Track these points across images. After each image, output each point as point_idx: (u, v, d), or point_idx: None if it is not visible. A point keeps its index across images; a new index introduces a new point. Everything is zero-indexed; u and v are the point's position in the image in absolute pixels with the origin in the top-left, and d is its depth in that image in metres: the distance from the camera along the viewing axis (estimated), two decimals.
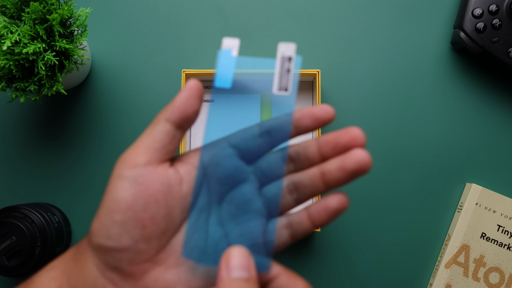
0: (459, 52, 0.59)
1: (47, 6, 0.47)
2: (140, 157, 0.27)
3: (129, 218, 0.26)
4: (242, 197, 0.28)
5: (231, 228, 0.28)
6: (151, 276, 0.27)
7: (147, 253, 0.27)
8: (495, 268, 0.55)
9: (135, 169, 0.27)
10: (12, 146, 0.59)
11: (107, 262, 0.27)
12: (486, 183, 0.57)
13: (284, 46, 0.29)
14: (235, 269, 0.26)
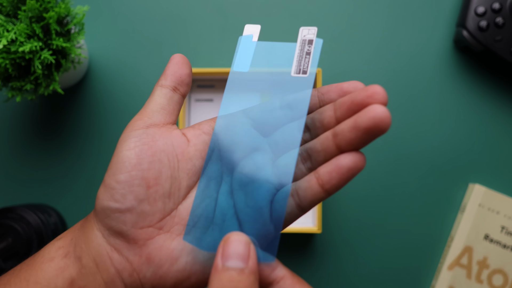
0: (462, 51, 0.58)
1: (43, 4, 0.46)
2: (144, 120, 0.28)
3: (134, 177, 0.26)
4: (254, 165, 0.27)
5: (239, 197, 0.26)
6: (155, 243, 0.26)
7: (152, 216, 0.26)
8: (498, 270, 0.54)
9: (139, 130, 0.28)
10: (8, 146, 0.58)
11: (111, 227, 0.26)
12: (489, 183, 0.56)
13: (306, 29, 0.28)
14: (230, 257, 0.23)
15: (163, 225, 0.27)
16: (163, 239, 0.26)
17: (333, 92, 0.27)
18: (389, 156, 0.57)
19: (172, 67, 0.30)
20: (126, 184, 0.26)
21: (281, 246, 0.57)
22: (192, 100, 0.57)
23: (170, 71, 0.30)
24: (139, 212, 0.26)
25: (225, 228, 0.26)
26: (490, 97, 0.58)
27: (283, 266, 0.26)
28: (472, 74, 0.58)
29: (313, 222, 0.56)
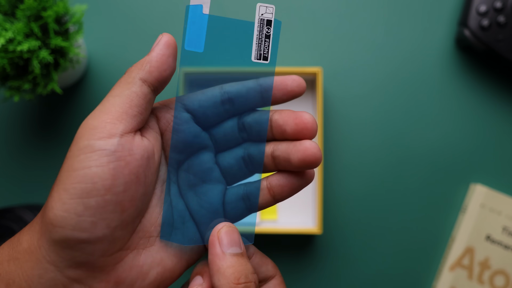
0: (464, 50, 0.58)
1: (41, 3, 0.46)
2: (117, 125, 0.23)
3: (108, 202, 0.22)
4: (201, 165, 0.26)
5: (190, 198, 0.26)
6: (124, 265, 0.24)
7: (123, 239, 0.23)
8: (500, 271, 0.54)
9: (111, 140, 0.22)
10: (5, 147, 0.58)
11: (72, 258, 0.22)
12: (491, 183, 0.56)
13: (263, 7, 0.25)
14: (230, 245, 0.25)
15: (130, 243, 0.24)
16: (131, 257, 0.24)
17: (279, 91, 0.27)
18: (390, 156, 0.57)
19: (161, 59, 0.25)
20: (97, 211, 0.22)
21: (281, 247, 0.57)
22: None
23: (157, 64, 0.25)
24: (111, 240, 0.23)
25: (186, 231, 0.26)
26: (492, 96, 0.57)
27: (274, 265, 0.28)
28: (474, 74, 0.58)
29: (313, 223, 0.55)
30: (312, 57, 0.58)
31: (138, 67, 0.25)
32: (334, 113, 0.57)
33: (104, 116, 0.23)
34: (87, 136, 0.22)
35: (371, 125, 0.57)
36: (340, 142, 0.57)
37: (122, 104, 0.23)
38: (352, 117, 0.57)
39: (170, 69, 0.25)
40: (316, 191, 0.54)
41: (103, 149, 0.22)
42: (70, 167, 0.22)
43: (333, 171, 0.57)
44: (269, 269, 0.27)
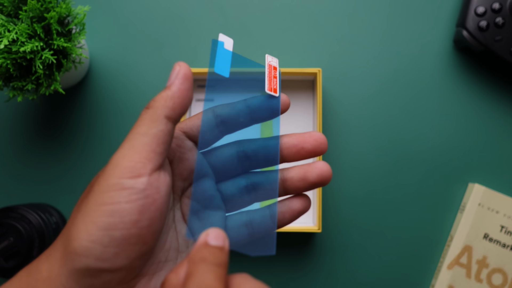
0: (462, 51, 0.58)
1: (44, 4, 0.46)
2: (146, 164, 0.24)
3: (132, 235, 0.23)
4: (203, 192, 0.28)
5: (194, 223, 0.28)
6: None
7: (140, 268, 0.24)
8: (498, 269, 0.54)
9: (141, 179, 0.23)
10: (9, 146, 0.59)
11: (90, 286, 0.23)
12: (489, 183, 0.57)
13: (270, 57, 0.31)
14: (214, 238, 0.24)
15: (144, 270, 0.25)
16: (143, 283, 0.25)
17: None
18: (389, 156, 0.57)
19: (182, 94, 0.25)
20: (121, 243, 0.23)
21: (281, 245, 0.57)
22: (193, 100, 0.57)
23: (179, 99, 0.25)
24: (129, 269, 0.24)
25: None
26: (490, 97, 0.58)
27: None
28: (472, 74, 0.58)
29: (313, 222, 0.56)
30: (311, 58, 0.59)
31: (162, 104, 0.25)
32: (333, 114, 0.58)
33: (134, 156, 0.24)
34: (118, 175, 0.23)
35: (369, 125, 0.58)
36: (339, 142, 0.58)
37: (150, 143, 0.24)
38: (351, 118, 0.58)
39: (190, 101, 0.26)
40: (316, 190, 0.54)
41: (133, 187, 0.23)
42: (99, 201, 0.23)
43: (332, 171, 0.57)
44: None
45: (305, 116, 0.57)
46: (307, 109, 0.57)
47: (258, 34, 0.59)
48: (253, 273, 0.57)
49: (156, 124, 0.25)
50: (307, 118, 0.57)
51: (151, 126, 0.25)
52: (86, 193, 0.26)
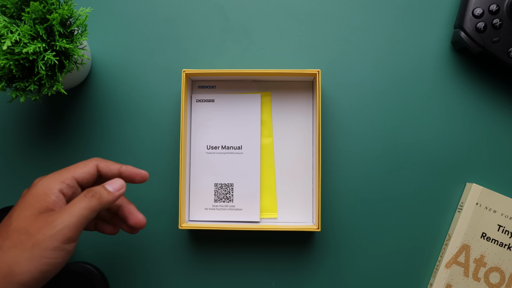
0: (460, 52, 0.59)
1: (47, 6, 0.46)
2: (77, 234, 0.41)
3: (55, 273, 0.42)
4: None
5: None
6: None
7: None
8: (495, 268, 0.55)
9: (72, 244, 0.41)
10: (12, 146, 0.59)
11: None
12: (486, 183, 0.57)
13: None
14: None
15: None
16: None
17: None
18: (388, 156, 0.58)
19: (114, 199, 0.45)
20: (49, 278, 0.40)
21: (280, 244, 0.58)
22: (194, 101, 0.58)
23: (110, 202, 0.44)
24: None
25: None
26: (488, 97, 0.58)
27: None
28: (470, 75, 0.58)
29: (312, 220, 0.56)
30: (311, 59, 0.59)
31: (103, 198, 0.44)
32: (332, 114, 0.58)
33: (73, 229, 0.40)
34: (60, 239, 0.40)
35: (368, 126, 0.58)
36: (338, 142, 0.58)
37: (85, 220, 0.42)
38: (350, 118, 0.58)
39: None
40: (315, 189, 0.55)
41: (67, 250, 0.39)
42: (43, 254, 0.38)
43: (331, 170, 0.58)
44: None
45: (304, 117, 0.58)
46: (306, 110, 0.58)
47: (258, 35, 0.59)
48: (252, 272, 0.57)
49: (92, 213, 0.41)
50: (306, 118, 0.58)
51: (89, 213, 0.41)
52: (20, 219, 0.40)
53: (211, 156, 0.57)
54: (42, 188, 0.41)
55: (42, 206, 0.40)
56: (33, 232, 0.38)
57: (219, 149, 0.57)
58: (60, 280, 0.54)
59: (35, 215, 0.39)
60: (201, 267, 0.58)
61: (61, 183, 0.41)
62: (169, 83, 0.59)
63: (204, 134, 0.58)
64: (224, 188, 0.57)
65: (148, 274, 0.57)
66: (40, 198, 0.40)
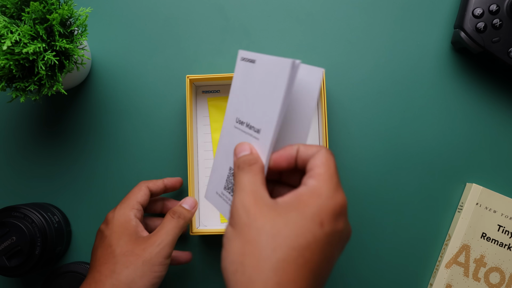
0: (460, 52, 0.59)
1: (47, 6, 0.46)
2: (170, 253, 0.48)
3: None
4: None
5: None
6: None
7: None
8: (495, 268, 0.55)
9: (169, 259, 0.47)
10: (12, 146, 0.59)
11: None
12: (486, 183, 0.57)
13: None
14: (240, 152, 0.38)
15: None
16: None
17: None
18: (388, 156, 0.58)
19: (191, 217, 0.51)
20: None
21: None
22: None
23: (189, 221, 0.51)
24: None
25: None
26: (488, 97, 0.58)
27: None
28: (470, 75, 0.58)
29: None
30: (311, 59, 0.59)
31: (187, 217, 0.51)
32: (333, 114, 0.58)
33: (167, 249, 0.47)
34: (163, 255, 0.46)
35: (368, 126, 0.58)
36: (339, 142, 0.58)
37: (174, 241, 0.48)
38: (350, 118, 0.58)
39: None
40: None
41: (166, 264, 0.46)
42: (151, 268, 0.45)
43: None
44: (313, 150, 0.35)
45: None
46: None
47: (259, 36, 0.59)
48: None
49: (180, 231, 0.48)
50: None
51: (179, 231, 0.47)
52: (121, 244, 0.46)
53: (236, 131, 0.42)
54: (123, 218, 0.47)
55: (132, 231, 0.47)
56: (139, 252, 0.44)
57: (243, 125, 0.41)
58: (60, 280, 0.54)
59: (133, 239, 0.46)
60: (209, 268, 0.58)
61: (132, 209, 0.48)
62: (169, 83, 0.59)
63: (237, 103, 0.42)
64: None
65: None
66: (126, 225, 0.47)
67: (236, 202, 0.34)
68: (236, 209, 0.33)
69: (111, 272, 0.44)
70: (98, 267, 0.45)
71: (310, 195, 0.33)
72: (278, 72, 0.36)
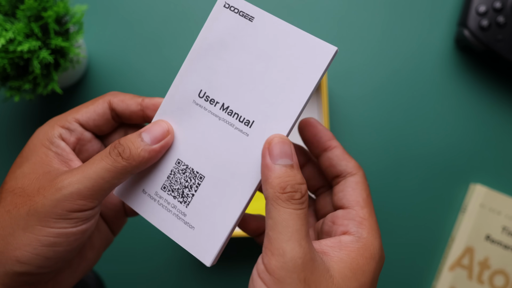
0: (463, 50, 0.58)
1: (42, 3, 0.46)
2: (93, 202, 0.29)
3: (73, 248, 0.29)
4: None
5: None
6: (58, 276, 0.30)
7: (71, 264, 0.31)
8: (500, 270, 0.54)
9: (87, 212, 0.29)
10: (6, 146, 0.58)
11: (25, 282, 0.27)
12: (491, 183, 0.56)
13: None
14: (278, 157, 0.26)
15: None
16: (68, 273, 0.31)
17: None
18: (390, 156, 0.57)
19: (156, 155, 0.29)
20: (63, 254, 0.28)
21: None
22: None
23: (151, 159, 0.29)
24: (59, 270, 0.31)
25: None
26: (492, 96, 0.57)
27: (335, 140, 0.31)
28: (474, 74, 0.58)
29: None
30: None
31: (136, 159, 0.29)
32: (333, 113, 0.58)
33: (86, 193, 0.27)
34: (67, 207, 0.26)
35: (371, 126, 0.57)
36: (340, 142, 0.57)
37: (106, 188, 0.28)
38: (352, 117, 0.57)
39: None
40: None
41: (79, 217, 0.27)
42: (44, 223, 0.26)
43: None
44: (349, 166, 0.29)
45: (309, 114, 0.57)
46: (311, 107, 0.57)
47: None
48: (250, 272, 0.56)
49: (119, 176, 0.27)
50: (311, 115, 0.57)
51: (114, 177, 0.27)
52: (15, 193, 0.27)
53: (197, 111, 0.30)
54: (39, 138, 0.29)
55: (40, 159, 0.28)
56: (31, 194, 0.27)
57: (215, 107, 0.30)
58: None
59: (36, 172, 0.28)
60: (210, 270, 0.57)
61: (60, 127, 0.30)
62: (167, 82, 0.58)
63: (206, 69, 0.30)
64: (188, 175, 0.30)
65: (146, 276, 0.57)
66: (35, 149, 0.29)
67: (288, 252, 0.24)
68: (285, 263, 0.24)
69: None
70: None
71: (365, 258, 0.27)
72: (311, 56, 0.28)
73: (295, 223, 0.25)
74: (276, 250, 0.24)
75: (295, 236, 0.24)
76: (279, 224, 0.25)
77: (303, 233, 0.25)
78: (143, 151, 0.28)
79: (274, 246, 0.24)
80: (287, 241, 0.24)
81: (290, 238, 0.24)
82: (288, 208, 0.25)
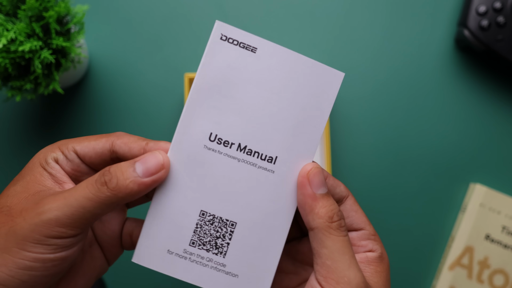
0: (463, 50, 0.58)
1: (43, 3, 0.46)
2: (74, 230, 0.28)
3: (50, 274, 0.27)
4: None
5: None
6: None
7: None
8: (499, 270, 0.54)
9: (67, 239, 0.28)
10: (7, 146, 0.58)
11: None
12: (490, 183, 0.56)
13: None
14: (318, 186, 0.27)
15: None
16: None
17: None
18: (390, 155, 0.57)
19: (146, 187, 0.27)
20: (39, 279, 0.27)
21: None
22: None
23: (141, 192, 0.27)
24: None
25: None
26: (492, 96, 0.57)
27: (344, 186, 0.31)
28: (474, 74, 0.58)
29: None
30: (313, 57, 0.58)
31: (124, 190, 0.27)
32: (333, 114, 0.58)
33: (66, 222, 0.26)
34: (45, 233, 0.25)
35: (371, 125, 0.57)
36: (340, 142, 0.57)
37: (88, 217, 0.27)
38: (352, 117, 0.58)
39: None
40: None
41: (58, 244, 0.26)
42: (22, 246, 0.25)
43: (334, 171, 0.57)
44: (342, 190, 0.30)
45: None
46: None
47: (259, 34, 0.59)
48: None
49: (102, 207, 0.26)
50: None
51: (96, 207, 0.26)
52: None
53: (211, 156, 0.28)
54: (39, 157, 0.28)
55: (33, 178, 0.28)
56: (14, 214, 0.26)
57: (231, 149, 0.28)
58: None
59: (27, 191, 0.27)
60: None
61: (58, 151, 0.29)
62: (168, 81, 0.58)
63: (212, 110, 0.28)
64: (218, 225, 0.29)
65: (146, 277, 0.57)
66: (32, 167, 0.28)
67: (353, 279, 0.26)
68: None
69: None
70: None
71: (387, 269, 0.30)
72: (322, 83, 0.28)
73: (350, 250, 0.27)
74: (341, 279, 0.26)
75: (353, 263, 0.26)
76: (335, 252, 0.26)
77: (355, 258, 0.27)
78: (132, 183, 0.26)
79: (338, 275, 0.26)
80: (348, 268, 0.26)
81: (350, 265, 0.26)
82: (340, 236, 0.27)
